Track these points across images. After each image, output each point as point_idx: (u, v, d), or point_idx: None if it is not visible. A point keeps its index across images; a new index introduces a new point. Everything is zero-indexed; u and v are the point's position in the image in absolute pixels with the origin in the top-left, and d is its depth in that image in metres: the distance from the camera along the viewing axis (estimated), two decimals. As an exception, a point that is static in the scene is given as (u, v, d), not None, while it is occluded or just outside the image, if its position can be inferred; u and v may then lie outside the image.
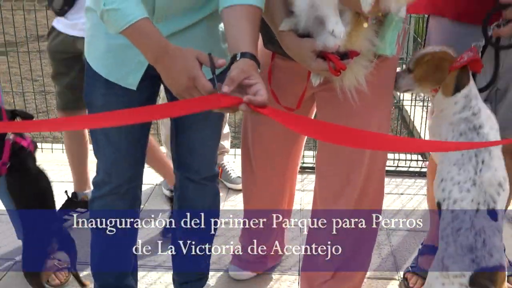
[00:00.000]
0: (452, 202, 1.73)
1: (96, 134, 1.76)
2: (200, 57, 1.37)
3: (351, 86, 1.66)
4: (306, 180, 3.17)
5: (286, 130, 1.95)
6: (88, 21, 1.67)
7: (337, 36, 1.49)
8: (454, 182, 1.74)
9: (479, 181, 1.71)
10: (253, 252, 2.24)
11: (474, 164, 1.73)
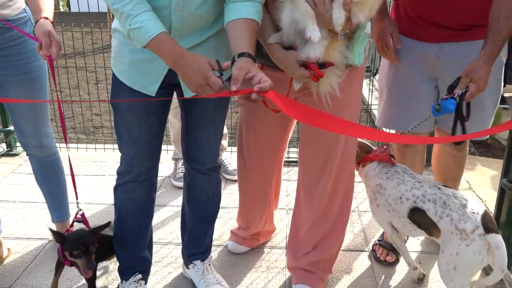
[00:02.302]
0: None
1: (120, 132, 1.77)
2: (210, 62, 1.43)
3: (326, 91, 1.68)
4: (291, 172, 3.19)
5: (274, 129, 2.01)
6: (115, 40, 1.69)
7: (313, 41, 1.51)
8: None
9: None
10: (248, 231, 2.30)
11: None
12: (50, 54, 1.72)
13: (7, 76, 1.94)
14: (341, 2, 1.46)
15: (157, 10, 1.51)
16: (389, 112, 2.11)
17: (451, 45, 1.89)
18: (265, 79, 1.39)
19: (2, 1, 1.84)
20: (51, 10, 1.84)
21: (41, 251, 2.34)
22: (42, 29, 1.71)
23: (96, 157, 3.46)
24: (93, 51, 6.74)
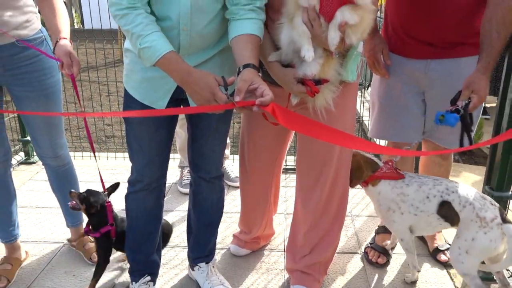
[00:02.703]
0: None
1: (131, 143, 1.76)
2: (217, 78, 1.43)
3: (322, 105, 1.67)
4: (289, 178, 3.18)
5: (274, 139, 2.00)
6: (127, 59, 1.69)
7: (307, 60, 1.51)
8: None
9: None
10: (249, 235, 2.29)
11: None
12: (72, 73, 1.72)
13: (24, 92, 1.93)
14: (336, 25, 1.46)
15: (166, 31, 1.51)
16: (380, 124, 2.11)
17: (437, 61, 1.89)
18: (267, 93, 1.40)
19: (20, 22, 1.84)
20: (68, 30, 1.84)
21: (56, 253, 2.32)
22: (63, 50, 1.72)
23: (108, 165, 3.44)
24: (105, 65, 6.75)
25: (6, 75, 1.89)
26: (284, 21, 1.57)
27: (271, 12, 1.63)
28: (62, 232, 2.47)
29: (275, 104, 1.42)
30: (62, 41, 1.74)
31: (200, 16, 1.53)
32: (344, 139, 1.50)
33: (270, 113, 1.41)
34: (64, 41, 1.75)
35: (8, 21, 1.80)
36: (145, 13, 1.48)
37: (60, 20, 1.82)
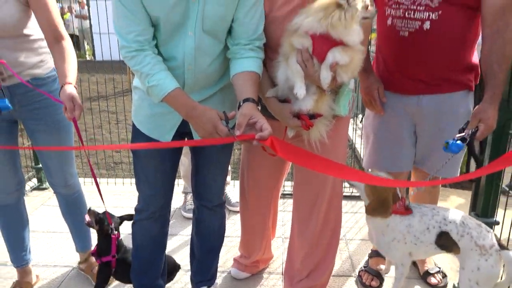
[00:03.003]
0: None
1: (138, 174, 1.77)
2: (219, 113, 1.46)
3: (316, 138, 1.69)
4: (286, 203, 3.16)
5: (272, 169, 2.01)
6: (136, 95, 1.72)
7: (299, 97, 1.54)
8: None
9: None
10: (249, 259, 2.27)
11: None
12: (74, 116, 1.68)
13: (38, 126, 1.95)
14: (328, 65, 1.49)
15: (172, 70, 1.54)
16: (375, 155, 2.10)
17: (428, 97, 1.89)
18: (266, 127, 1.42)
19: (34, 63, 1.87)
20: (75, 74, 1.81)
21: (66, 277, 2.29)
22: (67, 95, 1.67)
23: (115, 190, 3.44)
24: (115, 94, 6.80)
25: (21, 110, 1.91)
26: (280, 60, 1.61)
27: (269, 51, 1.67)
28: (71, 257, 2.45)
29: (273, 137, 1.44)
30: (66, 86, 1.70)
31: (204, 57, 1.57)
32: (338, 170, 1.51)
33: (269, 146, 1.43)
34: (68, 86, 1.72)
35: (23, 62, 1.83)
36: (152, 54, 1.52)
37: (67, 66, 1.79)
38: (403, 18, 1.79)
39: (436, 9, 1.73)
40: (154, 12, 1.48)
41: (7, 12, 1.73)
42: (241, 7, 1.54)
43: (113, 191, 3.41)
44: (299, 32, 1.50)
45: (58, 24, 1.81)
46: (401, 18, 1.79)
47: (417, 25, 1.77)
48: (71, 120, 1.71)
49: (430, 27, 1.75)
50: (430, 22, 1.74)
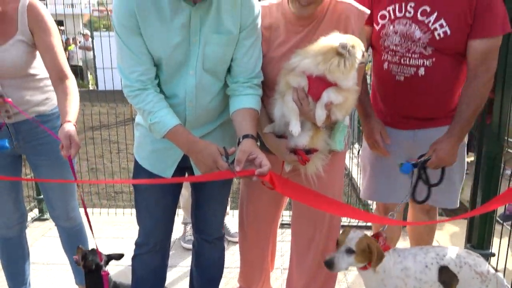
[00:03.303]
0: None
1: (139, 208, 1.78)
2: (219, 148, 1.49)
3: (312, 172, 1.71)
4: (285, 233, 3.15)
5: (270, 202, 2.02)
6: (138, 132, 1.75)
7: (294, 134, 1.58)
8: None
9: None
10: (247, 289, 2.24)
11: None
12: (69, 154, 1.67)
13: (41, 161, 1.97)
14: (323, 104, 1.52)
15: (174, 106, 1.58)
16: (372, 187, 2.11)
17: (424, 131, 1.94)
18: (265, 163, 1.44)
19: (40, 100, 1.92)
20: (76, 113, 1.80)
21: (64, 310, 2.27)
22: (64, 133, 1.68)
23: (116, 220, 3.43)
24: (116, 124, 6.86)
25: (25, 146, 1.94)
26: (277, 98, 1.65)
27: (267, 89, 1.71)
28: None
29: (272, 173, 1.47)
30: (65, 124, 1.71)
31: (204, 94, 1.61)
32: (334, 206, 1.53)
33: (268, 182, 1.46)
34: (67, 124, 1.72)
35: (29, 100, 1.88)
36: (154, 92, 1.56)
37: (69, 104, 1.80)
38: (399, 64, 1.85)
39: (430, 57, 1.79)
40: (156, 52, 1.53)
41: (16, 54, 1.78)
42: (239, 48, 1.59)
43: (113, 221, 3.41)
44: (295, 72, 1.54)
45: (63, 64, 1.85)
46: (397, 64, 1.86)
47: (412, 71, 1.83)
48: (66, 158, 1.70)
49: (424, 73, 1.81)
50: (424, 69, 1.81)
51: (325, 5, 1.65)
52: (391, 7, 1.81)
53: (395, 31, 1.81)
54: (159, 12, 1.48)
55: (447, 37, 1.74)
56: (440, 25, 1.73)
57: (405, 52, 1.82)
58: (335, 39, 1.49)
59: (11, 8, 1.77)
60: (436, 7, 1.73)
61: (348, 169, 4.51)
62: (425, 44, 1.78)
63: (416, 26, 1.77)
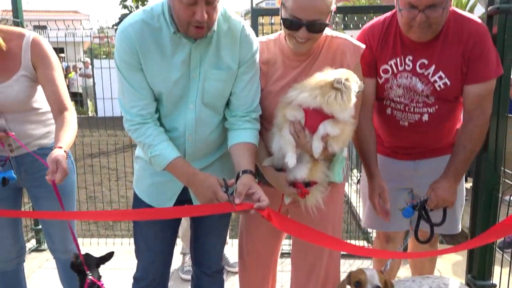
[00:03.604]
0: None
1: (138, 241, 1.77)
2: (219, 180, 1.50)
3: (312, 204, 1.71)
4: (284, 263, 3.11)
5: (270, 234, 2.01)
6: (137, 165, 1.76)
7: (289, 165, 1.58)
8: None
9: None
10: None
11: None
12: (54, 179, 1.60)
13: (42, 192, 1.97)
14: (319, 136, 1.54)
15: (174, 140, 1.60)
16: (373, 215, 2.09)
17: (424, 161, 1.97)
18: (264, 198, 1.45)
19: (42, 134, 1.94)
20: (69, 141, 1.77)
21: None
22: (52, 157, 1.63)
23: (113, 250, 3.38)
24: (115, 151, 6.87)
25: (27, 178, 1.95)
26: (275, 131, 1.67)
27: (265, 122, 1.73)
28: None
29: (270, 210, 1.48)
30: (55, 149, 1.66)
31: (203, 127, 1.63)
32: (333, 242, 1.52)
33: (266, 217, 1.46)
34: (57, 150, 1.67)
35: (32, 134, 1.90)
36: (154, 126, 1.58)
37: (63, 132, 1.77)
38: (403, 111, 1.89)
39: (433, 105, 1.84)
40: (157, 88, 1.55)
41: (19, 89, 1.81)
42: (238, 82, 1.62)
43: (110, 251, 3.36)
44: (292, 105, 1.56)
45: (63, 96, 1.86)
46: (401, 111, 1.90)
47: (416, 117, 1.87)
48: (50, 182, 1.62)
49: (428, 119, 1.86)
50: (428, 115, 1.86)
51: (321, 41, 1.69)
52: (392, 61, 1.84)
53: (398, 84, 1.85)
54: (160, 48, 1.51)
55: (448, 87, 1.78)
56: (439, 77, 1.78)
57: (409, 102, 1.87)
58: (330, 74, 1.53)
59: (15, 45, 1.81)
60: (433, 60, 1.77)
61: (348, 196, 4.50)
62: (428, 94, 1.82)
63: (417, 78, 1.81)
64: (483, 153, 1.98)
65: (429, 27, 1.68)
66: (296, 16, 1.54)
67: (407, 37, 1.78)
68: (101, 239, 3.59)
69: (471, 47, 1.72)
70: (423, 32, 1.70)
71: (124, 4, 7.72)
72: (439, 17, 1.66)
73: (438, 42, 1.75)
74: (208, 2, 1.38)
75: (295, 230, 1.55)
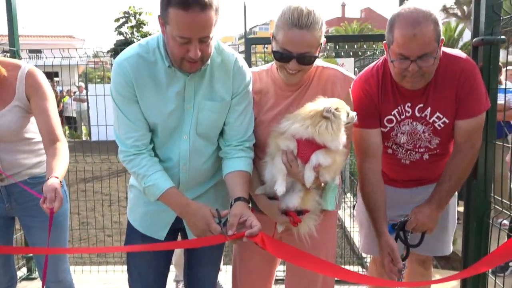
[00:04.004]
0: None
1: (131, 270, 1.76)
2: (212, 210, 1.51)
3: (305, 232, 1.72)
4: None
5: (265, 262, 2.00)
6: (131, 194, 1.77)
7: (278, 193, 1.61)
8: None
9: None
10: None
11: None
12: (52, 207, 1.63)
13: (34, 222, 1.97)
14: (311, 166, 1.57)
15: (168, 169, 1.61)
16: (369, 241, 2.11)
17: (421, 188, 2.00)
18: (255, 224, 1.47)
19: (33, 163, 1.95)
20: (63, 170, 1.79)
21: None
22: (50, 186, 1.65)
23: (106, 279, 3.35)
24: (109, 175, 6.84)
25: (17, 208, 1.95)
26: (267, 160, 1.69)
27: (258, 151, 1.76)
28: None
29: (264, 234, 1.49)
30: (51, 179, 1.69)
31: (197, 157, 1.65)
32: (327, 268, 1.53)
33: (259, 243, 1.47)
34: (53, 179, 1.69)
35: (23, 163, 1.91)
36: (149, 156, 1.60)
37: (56, 162, 1.79)
38: (405, 152, 1.95)
39: (435, 149, 1.90)
40: (152, 119, 1.58)
41: (11, 119, 1.83)
42: (232, 113, 1.65)
43: (103, 279, 3.32)
44: (285, 135, 1.59)
45: (55, 127, 1.87)
46: (403, 153, 1.95)
47: (417, 156, 1.93)
48: (48, 211, 1.64)
49: (429, 157, 1.92)
50: (428, 155, 1.91)
51: (312, 71, 1.73)
52: (395, 111, 1.87)
53: (402, 132, 1.90)
54: (155, 81, 1.55)
55: (447, 124, 1.83)
56: (437, 117, 1.82)
57: (412, 148, 1.92)
58: (320, 103, 1.57)
59: (10, 76, 1.84)
60: (428, 103, 1.82)
61: (342, 221, 4.49)
62: (431, 137, 1.86)
63: (417, 122, 1.86)
64: (473, 180, 2.01)
65: (422, 76, 1.70)
66: (286, 49, 1.58)
67: (401, 86, 1.81)
68: (93, 266, 3.54)
69: (462, 84, 1.75)
70: (416, 82, 1.73)
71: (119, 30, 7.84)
72: (431, 67, 1.68)
73: (430, 86, 1.79)
74: (202, 41, 1.42)
75: (289, 255, 1.55)
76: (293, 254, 1.59)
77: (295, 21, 1.54)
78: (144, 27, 7.98)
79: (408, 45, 1.62)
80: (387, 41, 1.73)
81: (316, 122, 1.53)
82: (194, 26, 1.38)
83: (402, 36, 1.62)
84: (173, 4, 1.36)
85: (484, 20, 1.88)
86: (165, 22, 1.43)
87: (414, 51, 1.63)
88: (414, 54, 1.63)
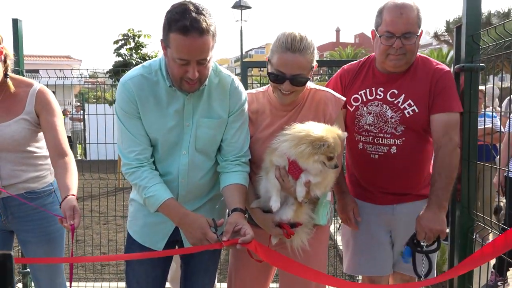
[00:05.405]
0: None
1: (130, 281, 1.82)
2: (208, 220, 1.61)
3: (298, 245, 1.80)
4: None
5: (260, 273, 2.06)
6: (132, 207, 1.85)
7: (273, 209, 1.70)
8: None
9: None
10: None
11: None
12: (72, 223, 1.72)
13: (29, 237, 2.01)
14: (302, 182, 1.67)
15: (167, 183, 1.71)
16: (355, 260, 2.17)
17: (401, 205, 2.07)
18: (248, 232, 1.56)
19: (32, 177, 1.99)
20: (76, 187, 1.90)
21: None
22: (69, 204, 1.75)
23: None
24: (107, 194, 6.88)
25: (14, 222, 2.00)
26: (262, 175, 1.80)
27: (253, 166, 1.86)
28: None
29: (257, 243, 1.58)
30: (69, 197, 1.79)
31: (195, 171, 1.75)
32: (318, 276, 1.61)
33: (253, 250, 1.56)
34: (71, 197, 1.79)
35: (20, 175, 1.96)
36: (150, 169, 1.70)
37: (70, 179, 1.88)
38: (372, 144, 2.04)
39: (400, 136, 1.99)
40: (153, 134, 1.69)
41: (16, 130, 1.91)
42: (228, 130, 1.77)
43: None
44: (278, 152, 1.70)
45: (63, 142, 1.97)
46: (371, 144, 2.04)
47: (385, 149, 2.01)
48: (69, 228, 1.73)
49: (396, 151, 2.00)
50: (396, 147, 2.00)
51: (305, 93, 1.85)
52: (362, 91, 2.04)
53: (368, 112, 2.02)
54: (157, 100, 1.67)
55: (416, 114, 1.95)
56: (408, 104, 1.96)
57: (378, 132, 2.01)
58: (307, 127, 1.66)
59: (23, 91, 1.95)
60: (402, 90, 1.97)
61: (334, 240, 4.54)
62: (397, 124, 1.98)
63: (387, 106, 1.99)
64: (458, 201, 2.10)
65: (404, 55, 1.90)
66: (280, 71, 1.71)
67: (378, 72, 2.01)
68: (89, 283, 3.56)
69: (436, 82, 1.93)
70: (399, 59, 1.91)
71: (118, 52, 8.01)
72: (413, 46, 1.89)
73: (407, 75, 1.98)
74: (200, 62, 1.55)
75: (281, 262, 1.64)
76: (284, 262, 1.67)
77: (288, 46, 1.68)
78: (143, 49, 8.14)
79: (395, 22, 1.86)
80: (375, 25, 1.96)
81: (297, 145, 1.61)
82: (193, 50, 1.51)
83: (390, 15, 1.88)
84: (174, 29, 1.50)
85: (464, 49, 2.02)
86: (166, 46, 1.56)
87: (399, 28, 1.86)
88: (400, 30, 1.86)
